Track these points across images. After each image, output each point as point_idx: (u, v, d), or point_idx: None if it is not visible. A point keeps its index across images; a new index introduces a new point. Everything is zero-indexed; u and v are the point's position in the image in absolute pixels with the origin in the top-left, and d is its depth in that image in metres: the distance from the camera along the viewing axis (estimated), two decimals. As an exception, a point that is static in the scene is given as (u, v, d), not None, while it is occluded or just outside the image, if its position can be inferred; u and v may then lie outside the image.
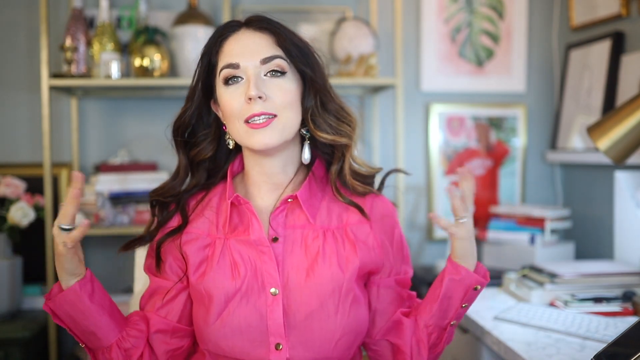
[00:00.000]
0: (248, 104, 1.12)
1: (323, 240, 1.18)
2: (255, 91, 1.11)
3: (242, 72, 1.14)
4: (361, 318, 1.19)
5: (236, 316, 1.13)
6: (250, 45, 1.15)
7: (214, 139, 1.24)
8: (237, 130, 1.15)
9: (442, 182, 2.51)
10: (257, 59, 1.14)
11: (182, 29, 2.17)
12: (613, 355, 1.18)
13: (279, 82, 1.15)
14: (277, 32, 1.17)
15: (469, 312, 1.70)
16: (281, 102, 1.14)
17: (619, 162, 1.71)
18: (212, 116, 1.24)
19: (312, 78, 1.18)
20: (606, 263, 1.93)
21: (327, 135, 1.19)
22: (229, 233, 1.19)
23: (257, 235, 1.16)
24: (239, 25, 1.19)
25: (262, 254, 1.16)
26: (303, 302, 1.14)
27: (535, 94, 2.58)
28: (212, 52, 1.18)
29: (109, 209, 2.15)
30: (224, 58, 1.16)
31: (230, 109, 1.14)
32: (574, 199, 2.44)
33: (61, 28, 2.29)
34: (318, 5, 2.46)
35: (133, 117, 2.38)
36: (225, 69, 1.15)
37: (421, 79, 2.51)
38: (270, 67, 1.14)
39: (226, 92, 1.15)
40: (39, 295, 2.22)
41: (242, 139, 1.16)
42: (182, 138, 1.23)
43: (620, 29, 2.15)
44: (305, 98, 1.19)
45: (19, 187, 2.11)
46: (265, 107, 1.12)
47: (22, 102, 2.35)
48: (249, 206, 1.17)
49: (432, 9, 2.50)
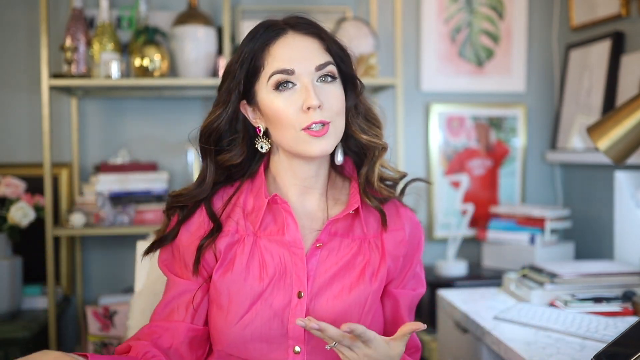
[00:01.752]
0: (306, 113, 1.10)
1: (357, 250, 1.18)
2: (316, 101, 1.09)
3: (295, 79, 1.12)
4: (380, 326, 1.19)
5: (259, 319, 1.11)
6: (303, 50, 1.13)
7: (244, 143, 1.20)
8: (291, 137, 1.12)
9: (442, 182, 2.51)
10: (311, 65, 1.12)
11: (182, 29, 2.17)
12: (613, 355, 1.18)
13: (331, 88, 1.13)
14: (324, 36, 1.16)
15: (469, 312, 1.70)
16: (336, 108, 1.13)
17: (619, 162, 1.71)
18: (240, 119, 1.20)
19: (355, 79, 1.19)
20: (606, 263, 1.93)
21: (365, 135, 1.20)
22: (260, 231, 1.17)
23: (293, 236, 1.15)
24: (283, 28, 1.16)
25: (294, 255, 1.15)
26: (327, 309, 1.13)
27: (535, 94, 2.58)
28: (257, 56, 1.14)
29: (109, 209, 2.15)
30: (274, 63, 1.12)
31: (285, 116, 1.11)
32: (574, 199, 2.44)
33: (61, 28, 2.29)
34: (318, 5, 2.46)
35: (133, 117, 2.38)
36: (277, 74, 1.11)
37: (421, 79, 2.51)
38: (323, 73, 1.13)
39: (278, 99, 1.12)
40: (39, 295, 2.22)
41: (297, 146, 1.12)
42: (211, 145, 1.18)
43: (620, 29, 2.15)
44: (347, 99, 1.19)
45: (19, 187, 2.11)
46: (323, 115, 1.10)
47: (22, 102, 2.35)
48: (287, 206, 1.16)
49: (432, 9, 2.50)
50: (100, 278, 2.39)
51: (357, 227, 1.20)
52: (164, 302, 1.18)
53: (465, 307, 1.76)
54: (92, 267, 2.39)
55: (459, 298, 1.86)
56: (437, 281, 2.20)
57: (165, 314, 1.16)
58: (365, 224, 1.20)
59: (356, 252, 1.18)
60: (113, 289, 2.37)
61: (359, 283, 1.15)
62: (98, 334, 2.14)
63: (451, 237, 2.36)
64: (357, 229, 1.20)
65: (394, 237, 1.21)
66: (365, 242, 1.19)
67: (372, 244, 1.20)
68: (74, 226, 2.13)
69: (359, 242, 1.19)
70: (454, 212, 2.47)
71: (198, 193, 1.19)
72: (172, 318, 1.16)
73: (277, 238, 1.16)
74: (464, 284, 2.17)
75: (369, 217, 1.22)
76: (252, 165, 1.23)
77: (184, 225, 1.18)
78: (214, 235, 1.16)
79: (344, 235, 1.19)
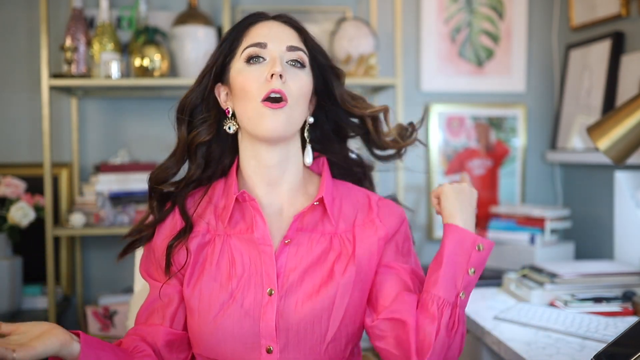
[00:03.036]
0: (268, 82, 1.12)
1: (328, 245, 1.17)
2: (280, 68, 1.12)
3: (267, 53, 1.15)
4: (356, 323, 1.17)
5: (230, 319, 1.11)
6: (279, 32, 1.18)
7: (213, 124, 1.23)
8: (251, 110, 1.14)
9: (442, 182, 2.51)
10: (283, 45, 1.16)
11: (182, 29, 2.17)
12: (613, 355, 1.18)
13: (298, 72, 1.16)
14: (302, 31, 1.21)
15: (468, 312, 1.70)
16: (297, 90, 1.14)
17: (619, 162, 1.71)
18: (212, 100, 1.23)
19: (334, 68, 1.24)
20: (606, 263, 1.93)
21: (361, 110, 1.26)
22: (230, 229, 1.18)
23: (261, 233, 1.15)
24: (266, 17, 1.21)
25: (263, 253, 1.15)
26: (296, 305, 1.12)
27: (535, 94, 2.58)
28: (237, 37, 1.19)
29: (109, 209, 2.15)
30: (250, 39, 1.17)
31: (249, 86, 1.14)
32: (574, 199, 2.44)
33: (61, 28, 2.29)
34: (318, 5, 2.46)
35: (133, 117, 2.38)
36: (250, 47, 1.16)
37: (421, 79, 2.51)
38: (294, 56, 1.16)
39: (247, 71, 1.15)
40: (39, 295, 2.22)
41: (252, 121, 1.14)
42: (185, 116, 1.22)
43: (620, 29, 2.15)
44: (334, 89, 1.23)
45: (19, 187, 2.12)
46: (284, 87, 1.13)
47: (22, 102, 2.35)
48: (255, 203, 1.16)
49: (432, 9, 2.50)
50: (100, 278, 2.39)
51: (327, 222, 1.19)
52: (144, 305, 1.19)
53: (465, 307, 1.76)
54: (92, 267, 2.39)
55: (459, 298, 1.86)
56: (437, 281, 2.20)
57: (145, 317, 1.18)
58: (334, 218, 1.19)
59: (327, 247, 1.17)
60: (113, 289, 2.37)
61: (330, 279, 1.14)
62: (98, 334, 2.14)
63: (451, 237, 2.36)
64: (327, 224, 1.19)
65: (367, 229, 1.20)
66: (336, 236, 1.19)
67: (343, 238, 1.19)
68: (74, 226, 2.13)
69: (329, 237, 1.18)
70: (454, 212, 2.46)
71: (169, 166, 1.23)
72: (152, 321, 1.17)
73: (247, 236, 1.17)
74: (464, 284, 2.16)
75: (342, 211, 1.21)
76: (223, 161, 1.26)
77: (159, 227, 1.21)
78: (184, 235, 1.17)
79: (313, 230, 1.18)
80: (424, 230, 2.52)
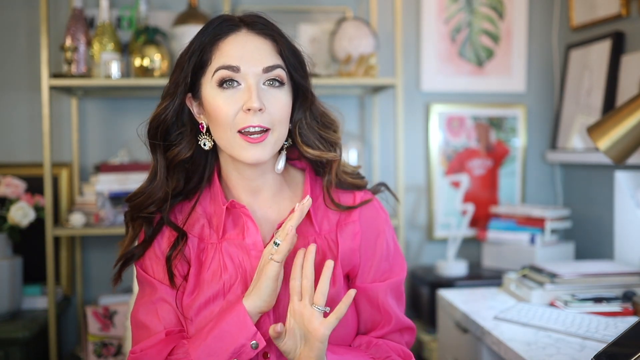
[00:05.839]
0: (245, 114, 1.07)
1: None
2: (257, 103, 1.05)
3: (241, 78, 1.08)
4: (348, 324, 1.16)
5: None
6: (253, 50, 1.09)
7: (192, 138, 1.17)
8: (227, 139, 1.09)
9: (442, 182, 2.51)
10: (259, 66, 1.08)
11: (182, 29, 2.17)
12: (613, 355, 1.18)
13: (276, 93, 1.10)
14: (279, 39, 1.13)
15: (469, 312, 1.70)
16: (278, 115, 1.09)
17: (619, 162, 1.71)
18: (186, 112, 1.15)
19: (307, 91, 1.15)
20: (606, 263, 1.93)
21: (313, 151, 1.16)
22: (222, 237, 1.16)
23: (253, 238, 1.14)
24: (238, 25, 1.12)
25: (253, 259, 1.13)
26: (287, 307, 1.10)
27: (535, 94, 2.58)
28: (206, 49, 1.10)
29: (109, 209, 2.15)
30: (221, 58, 1.09)
31: (224, 116, 1.08)
32: (574, 199, 2.44)
33: (61, 28, 2.29)
34: (318, 5, 2.46)
35: (133, 117, 2.38)
36: (222, 69, 1.08)
37: (421, 79, 2.51)
38: (271, 76, 1.09)
39: (220, 96, 1.08)
40: (39, 295, 2.22)
41: (232, 149, 1.10)
42: (159, 139, 1.15)
43: (620, 29, 2.15)
44: (295, 111, 1.16)
45: (19, 187, 2.11)
46: (263, 119, 1.07)
47: (22, 102, 2.35)
48: (245, 210, 1.14)
49: (432, 9, 2.50)
50: (100, 278, 2.39)
51: (310, 225, 1.17)
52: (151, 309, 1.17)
53: (465, 307, 1.76)
54: (92, 267, 2.39)
55: (459, 298, 1.86)
56: (437, 281, 2.20)
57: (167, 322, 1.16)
58: (317, 221, 1.17)
59: None
60: (112, 289, 2.37)
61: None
62: (98, 334, 2.14)
63: (451, 237, 2.36)
64: (310, 226, 1.17)
65: (348, 230, 1.18)
66: (320, 238, 1.17)
67: (327, 240, 1.17)
68: (74, 226, 2.13)
69: (313, 239, 1.16)
70: (454, 212, 2.47)
71: (151, 192, 1.16)
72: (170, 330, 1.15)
73: (238, 242, 1.15)
74: (464, 284, 2.17)
75: (326, 212, 1.19)
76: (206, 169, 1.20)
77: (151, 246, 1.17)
78: (179, 244, 1.15)
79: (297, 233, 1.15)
80: (424, 230, 2.52)
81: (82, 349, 2.23)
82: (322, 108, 1.19)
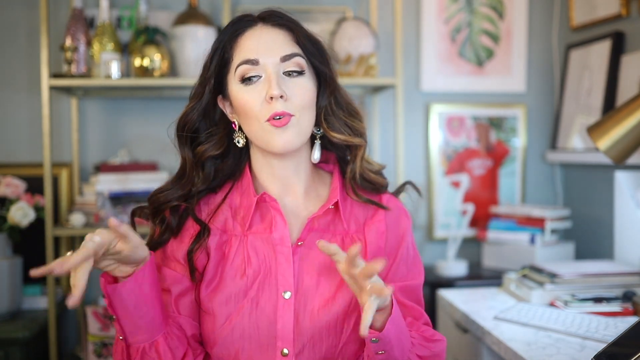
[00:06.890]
0: (269, 103, 1.09)
1: (340, 246, 1.15)
2: (277, 90, 1.08)
3: (261, 70, 1.11)
4: None
5: (245, 319, 1.11)
6: (269, 41, 1.12)
7: (223, 136, 1.20)
8: (256, 130, 1.12)
9: (442, 182, 2.51)
10: (277, 56, 1.11)
11: (182, 29, 2.17)
12: (613, 355, 1.18)
13: (298, 81, 1.12)
14: (294, 28, 1.15)
15: (469, 312, 1.70)
16: (301, 102, 1.11)
17: (619, 162, 1.71)
18: (217, 112, 1.20)
19: (329, 76, 1.17)
20: (606, 263, 1.93)
21: (340, 135, 1.18)
22: (247, 230, 1.16)
23: (280, 234, 1.14)
24: (254, 20, 1.15)
25: (279, 253, 1.14)
26: (314, 311, 1.12)
27: (535, 94, 2.58)
28: (227, 47, 1.14)
29: (109, 209, 2.15)
30: (241, 54, 1.12)
31: (250, 109, 1.11)
32: (574, 199, 2.44)
33: (61, 28, 2.29)
34: (318, 5, 2.46)
35: (133, 117, 2.38)
36: (242, 65, 1.11)
37: (421, 79, 2.51)
38: (290, 65, 1.12)
39: (244, 91, 1.12)
40: (39, 295, 2.22)
41: (261, 139, 1.12)
42: (188, 134, 1.18)
43: (620, 29, 2.15)
44: (320, 97, 1.17)
45: (19, 187, 2.11)
46: (286, 106, 1.09)
47: (22, 102, 2.35)
48: (276, 204, 1.15)
49: (432, 9, 2.50)
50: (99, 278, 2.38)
51: (338, 223, 1.19)
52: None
53: (465, 307, 1.76)
54: (92, 267, 2.39)
55: (459, 298, 1.86)
56: (438, 281, 2.20)
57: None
58: (345, 219, 1.18)
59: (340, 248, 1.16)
60: (113, 289, 2.36)
61: (345, 283, 1.11)
62: (98, 334, 2.14)
63: (451, 237, 2.36)
64: (338, 224, 1.19)
65: (375, 229, 1.20)
66: (348, 237, 1.18)
67: (354, 238, 1.18)
68: (74, 226, 2.13)
69: (341, 237, 1.18)
70: (454, 212, 2.47)
71: (180, 187, 1.19)
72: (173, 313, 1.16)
73: (264, 236, 1.16)
74: (464, 284, 2.17)
75: (353, 212, 1.20)
76: (237, 165, 1.23)
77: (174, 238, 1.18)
78: (202, 238, 1.15)
79: (325, 231, 1.17)
80: (424, 230, 2.52)
81: (82, 349, 2.23)
82: (347, 97, 1.21)
